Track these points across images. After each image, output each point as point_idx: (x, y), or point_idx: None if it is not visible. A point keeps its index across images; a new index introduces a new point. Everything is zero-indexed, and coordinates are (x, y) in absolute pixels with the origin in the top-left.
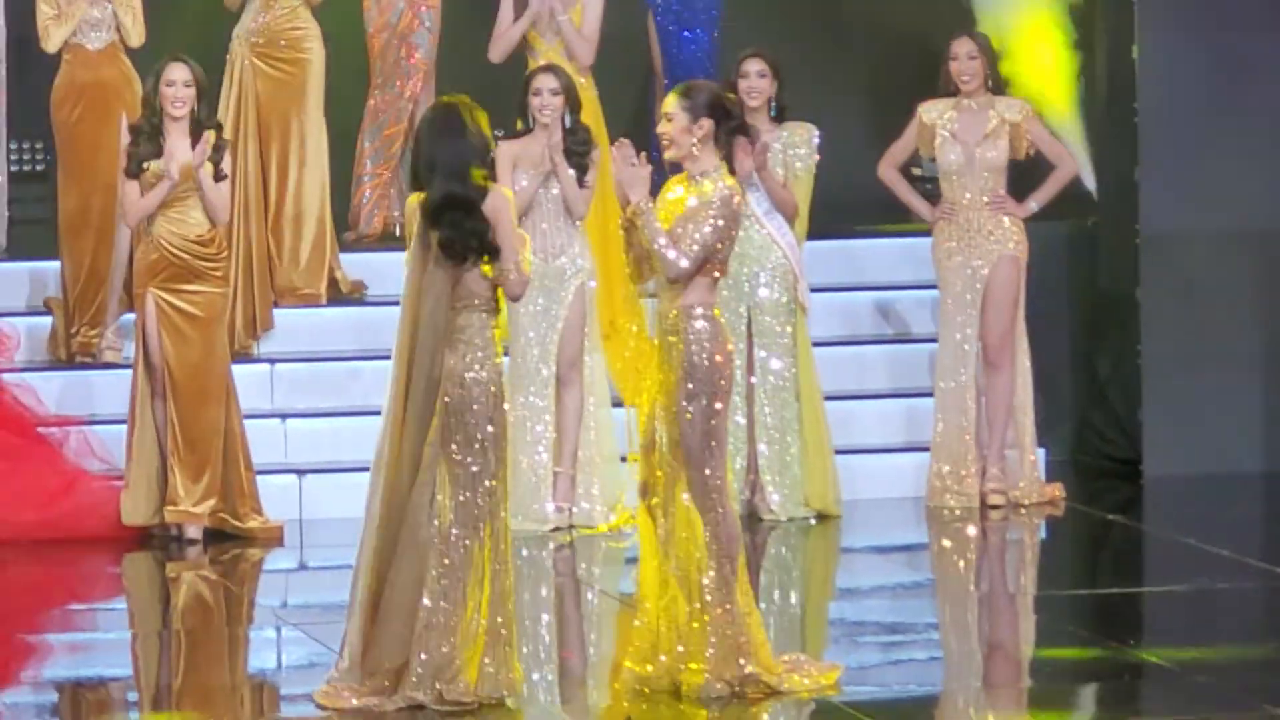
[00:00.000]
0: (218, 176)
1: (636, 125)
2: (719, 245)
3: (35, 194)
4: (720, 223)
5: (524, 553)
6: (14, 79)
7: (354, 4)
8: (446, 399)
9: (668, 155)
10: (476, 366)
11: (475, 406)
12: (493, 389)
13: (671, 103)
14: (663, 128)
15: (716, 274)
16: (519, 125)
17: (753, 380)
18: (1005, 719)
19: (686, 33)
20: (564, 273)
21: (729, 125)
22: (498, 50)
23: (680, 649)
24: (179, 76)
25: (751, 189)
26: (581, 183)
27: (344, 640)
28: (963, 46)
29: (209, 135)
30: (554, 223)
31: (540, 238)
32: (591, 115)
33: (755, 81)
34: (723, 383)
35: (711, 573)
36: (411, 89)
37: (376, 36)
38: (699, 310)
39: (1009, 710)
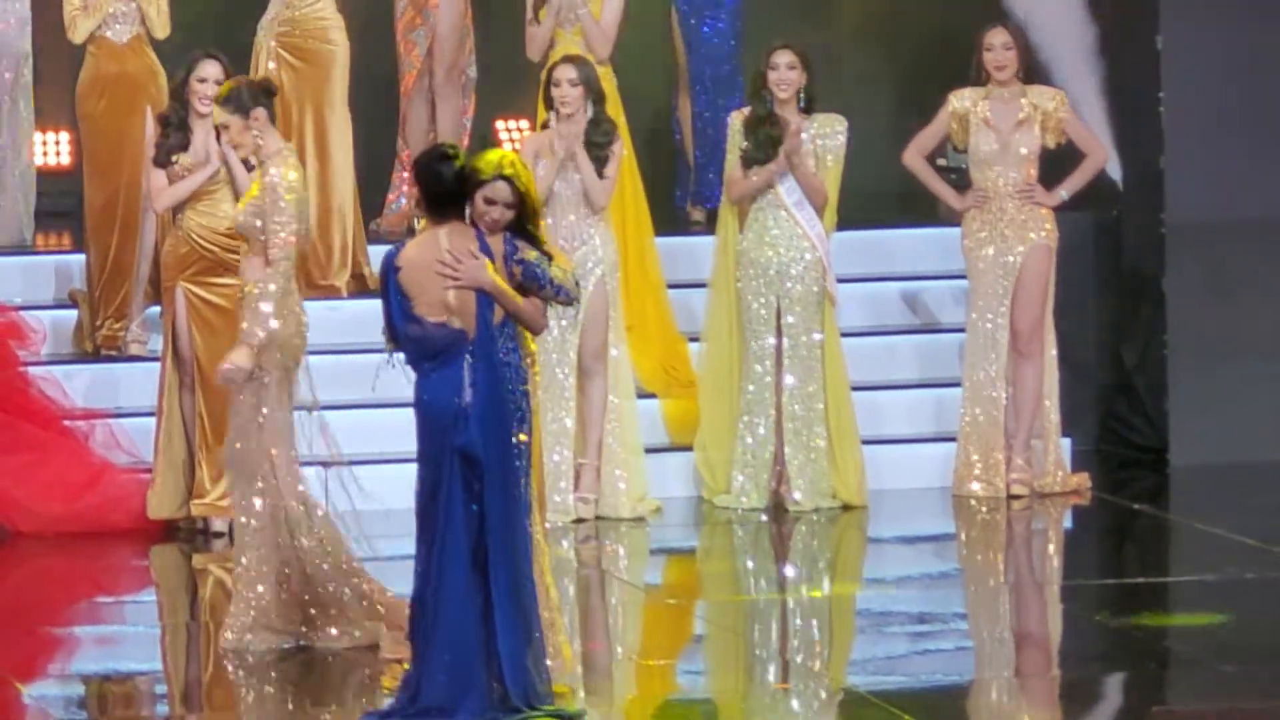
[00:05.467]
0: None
1: (658, 117)
2: None
3: (60, 187)
4: None
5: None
6: (39, 72)
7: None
8: None
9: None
10: None
11: None
12: None
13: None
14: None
15: None
16: (543, 117)
17: (782, 371)
18: (1033, 708)
19: (708, 24)
20: (585, 264)
21: None
22: (533, 49)
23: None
24: (211, 74)
25: (782, 179)
26: (601, 174)
27: None
28: (997, 37)
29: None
30: (575, 214)
31: (562, 229)
32: (612, 106)
33: (785, 73)
34: None
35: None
36: (405, 85)
37: (396, 27)
38: None
39: (1037, 700)
